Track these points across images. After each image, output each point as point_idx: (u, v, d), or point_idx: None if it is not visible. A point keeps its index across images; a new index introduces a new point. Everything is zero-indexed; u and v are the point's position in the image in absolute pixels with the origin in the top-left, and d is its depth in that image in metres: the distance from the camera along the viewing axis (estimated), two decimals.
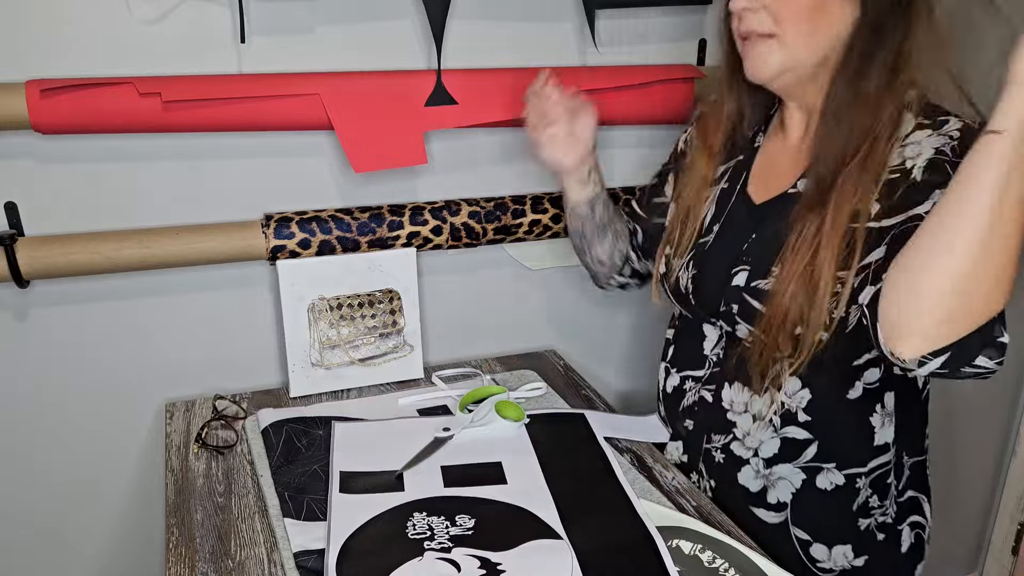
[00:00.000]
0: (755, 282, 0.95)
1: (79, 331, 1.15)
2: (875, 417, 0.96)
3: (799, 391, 0.96)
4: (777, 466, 0.99)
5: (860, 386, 0.95)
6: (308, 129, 1.14)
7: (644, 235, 1.19)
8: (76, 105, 1.01)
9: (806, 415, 0.96)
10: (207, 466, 1.04)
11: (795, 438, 0.97)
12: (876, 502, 1.00)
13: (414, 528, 0.88)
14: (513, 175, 1.31)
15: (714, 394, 1.03)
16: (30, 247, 1.05)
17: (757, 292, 0.95)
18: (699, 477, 1.08)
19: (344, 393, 1.22)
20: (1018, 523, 2.00)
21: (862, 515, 0.99)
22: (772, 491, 1.00)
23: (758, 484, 1.01)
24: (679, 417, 1.09)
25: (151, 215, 1.14)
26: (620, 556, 0.85)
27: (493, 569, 0.82)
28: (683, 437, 1.09)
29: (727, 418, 1.02)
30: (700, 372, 1.06)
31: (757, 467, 1.01)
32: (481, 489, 0.95)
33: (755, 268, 0.96)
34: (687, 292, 1.04)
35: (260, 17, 1.10)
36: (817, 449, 0.97)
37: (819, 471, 0.98)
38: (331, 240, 1.18)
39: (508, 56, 1.23)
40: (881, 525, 1.01)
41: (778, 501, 1.00)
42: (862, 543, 1.00)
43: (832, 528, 0.99)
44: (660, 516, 0.92)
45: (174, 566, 0.87)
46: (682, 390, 1.09)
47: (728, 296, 0.98)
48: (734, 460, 1.02)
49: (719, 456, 1.04)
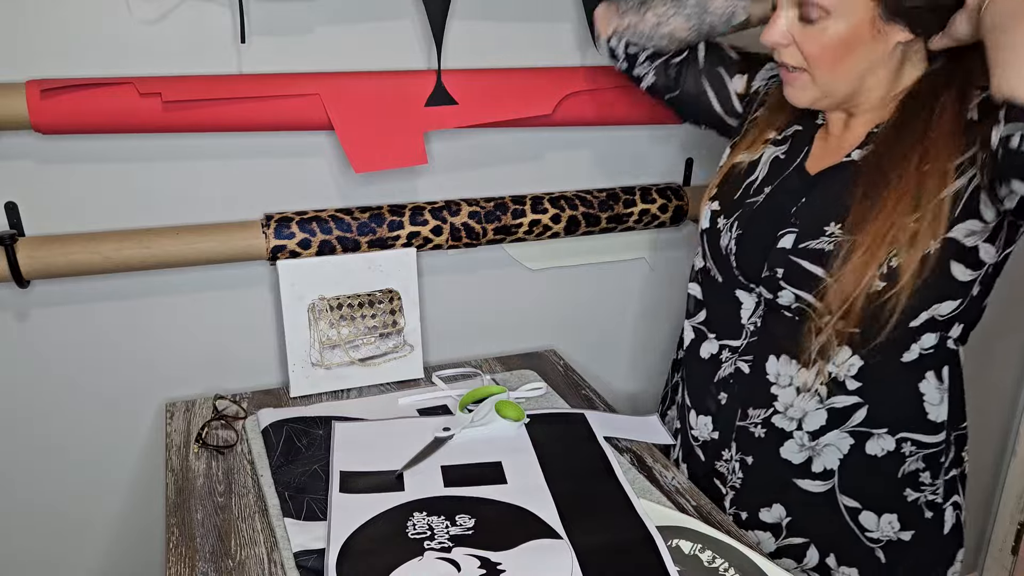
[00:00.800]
0: (805, 243, 0.93)
1: (79, 331, 1.15)
2: (929, 387, 0.95)
3: (849, 359, 0.94)
4: (825, 435, 0.98)
5: (916, 349, 0.93)
6: (308, 129, 1.14)
7: (673, 68, 1.13)
8: (76, 105, 1.01)
9: (856, 381, 0.95)
10: (207, 466, 1.04)
11: (844, 406, 0.96)
12: (928, 479, 0.98)
13: (414, 528, 0.88)
14: (513, 175, 1.31)
15: (752, 365, 1.01)
16: (30, 247, 1.05)
17: (808, 252, 0.93)
18: (730, 455, 1.05)
19: (344, 393, 1.22)
20: (1018, 523, 2.00)
21: (911, 487, 0.98)
22: (818, 459, 0.98)
23: (802, 456, 0.99)
24: (712, 389, 1.06)
25: (151, 215, 1.14)
26: (620, 556, 0.85)
27: (493, 569, 0.82)
28: (713, 412, 1.06)
29: (770, 392, 0.99)
30: (736, 342, 1.03)
31: (801, 440, 0.98)
32: (481, 489, 0.96)
33: (804, 231, 0.94)
34: (727, 253, 1.02)
35: (260, 17, 1.10)
36: (867, 414, 0.95)
37: (868, 436, 0.97)
38: (331, 240, 1.18)
39: (508, 56, 1.23)
40: (930, 503, 0.99)
41: (824, 469, 0.98)
42: (909, 516, 0.99)
43: (880, 495, 0.98)
44: (660, 516, 0.92)
45: (174, 566, 0.87)
46: (719, 359, 1.05)
47: (773, 259, 0.96)
48: (776, 433, 1.00)
49: (759, 431, 1.01)
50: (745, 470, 1.03)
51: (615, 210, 1.32)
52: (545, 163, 1.32)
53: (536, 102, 1.20)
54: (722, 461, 1.06)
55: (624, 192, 1.34)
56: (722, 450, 1.05)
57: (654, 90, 1.16)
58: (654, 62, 1.14)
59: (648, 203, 1.34)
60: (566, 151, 1.33)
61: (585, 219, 1.30)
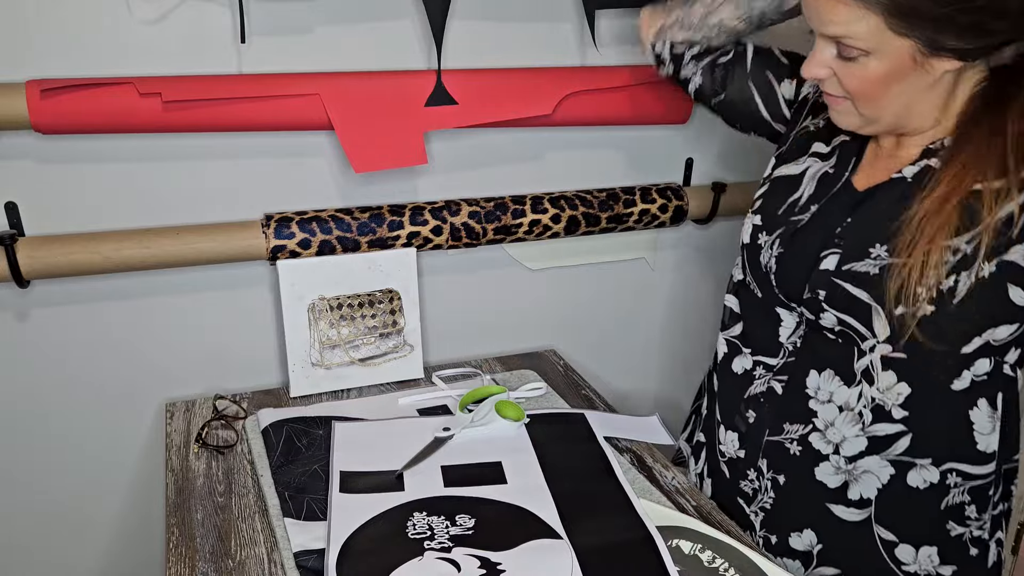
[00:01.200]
0: (849, 265, 0.89)
1: (79, 331, 1.15)
2: (979, 415, 0.90)
3: (895, 385, 0.89)
4: (864, 459, 0.93)
5: (968, 376, 0.88)
6: (308, 129, 1.14)
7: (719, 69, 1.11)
8: (76, 105, 1.01)
9: (903, 410, 0.90)
10: (207, 466, 1.04)
11: (886, 434, 0.91)
12: (974, 512, 0.93)
13: (414, 528, 0.88)
14: (513, 175, 1.31)
15: (786, 385, 0.97)
16: (30, 247, 1.05)
17: (853, 276, 0.88)
18: (758, 475, 1.00)
19: (344, 393, 1.22)
20: (1018, 523, 2.00)
21: (955, 520, 0.93)
22: (855, 486, 0.94)
23: (838, 480, 0.94)
24: (741, 405, 1.02)
25: (151, 215, 1.14)
26: (620, 556, 0.85)
27: (493, 569, 0.82)
28: (741, 430, 1.02)
29: (808, 406, 0.95)
30: (773, 360, 0.99)
31: (838, 464, 0.94)
32: (481, 489, 0.96)
33: (848, 252, 0.90)
34: (767, 270, 0.98)
35: (260, 17, 1.10)
36: (911, 442, 0.91)
37: (911, 467, 0.92)
38: (331, 240, 1.18)
39: (508, 56, 1.23)
40: (976, 539, 0.94)
41: (861, 497, 0.94)
42: (951, 551, 0.94)
43: (919, 528, 0.93)
44: (660, 516, 0.92)
45: (174, 566, 0.87)
46: (752, 375, 1.01)
47: (815, 281, 0.92)
48: (812, 453, 0.95)
49: (794, 448, 0.97)
50: (777, 490, 0.99)
51: (615, 210, 1.32)
52: (545, 163, 1.32)
53: (536, 102, 1.20)
54: (746, 481, 1.02)
55: (624, 192, 1.34)
56: (747, 469, 1.02)
57: (701, 94, 1.14)
58: (700, 62, 1.11)
59: (648, 203, 1.34)
60: (566, 151, 1.33)
61: (585, 219, 1.30)
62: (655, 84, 1.26)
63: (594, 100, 1.24)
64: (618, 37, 1.28)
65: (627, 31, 1.28)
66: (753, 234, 1.01)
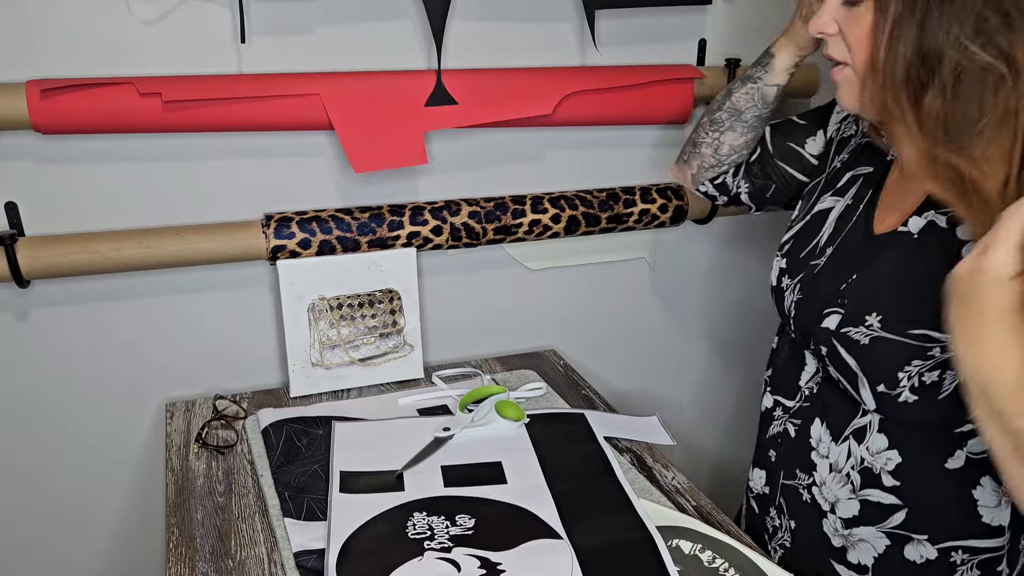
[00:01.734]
0: (846, 329, 0.86)
1: (79, 331, 1.15)
2: (984, 493, 0.85)
3: (885, 450, 0.87)
4: (858, 528, 0.90)
5: (962, 455, 0.84)
6: (308, 129, 1.14)
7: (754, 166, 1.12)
8: (76, 105, 1.01)
9: (893, 479, 0.87)
10: (207, 466, 1.04)
11: (879, 502, 0.88)
12: None
13: (414, 528, 0.88)
14: (513, 175, 1.31)
15: (799, 429, 0.95)
16: (30, 247, 1.05)
17: (847, 341, 0.86)
18: (778, 514, 1.00)
19: (344, 393, 1.22)
20: None
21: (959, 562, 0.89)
22: (852, 552, 0.91)
23: (838, 541, 0.93)
24: (766, 443, 1.02)
25: (151, 215, 1.14)
26: (620, 556, 0.85)
27: (493, 569, 0.82)
28: (766, 467, 1.02)
29: (810, 457, 0.94)
30: (791, 402, 0.97)
31: (835, 526, 0.92)
32: (481, 489, 0.96)
33: (849, 313, 0.86)
34: (789, 315, 0.96)
35: (260, 17, 1.10)
36: (906, 516, 0.87)
37: (908, 540, 0.88)
38: (331, 240, 1.18)
39: (508, 56, 1.23)
40: None
41: (859, 563, 0.91)
42: None
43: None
44: (660, 516, 0.92)
45: (174, 566, 0.87)
46: (772, 415, 1.01)
47: (818, 336, 0.90)
48: (818, 506, 0.94)
49: (806, 495, 0.95)
50: (791, 532, 0.98)
51: (615, 210, 1.32)
52: (545, 163, 1.32)
53: (536, 102, 1.20)
54: (769, 516, 1.02)
55: (624, 192, 1.34)
56: (770, 506, 1.01)
57: (757, 198, 1.15)
58: (737, 175, 1.14)
59: (648, 203, 1.34)
60: (566, 151, 1.33)
61: (585, 219, 1.30)
62: (655, 84, 1.26)
63: (594, 100, 1.24)
64: (618, 37, 1.28)
65: (627, 31, 1.28)
66: (778, 277, 1.00)
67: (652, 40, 1.30)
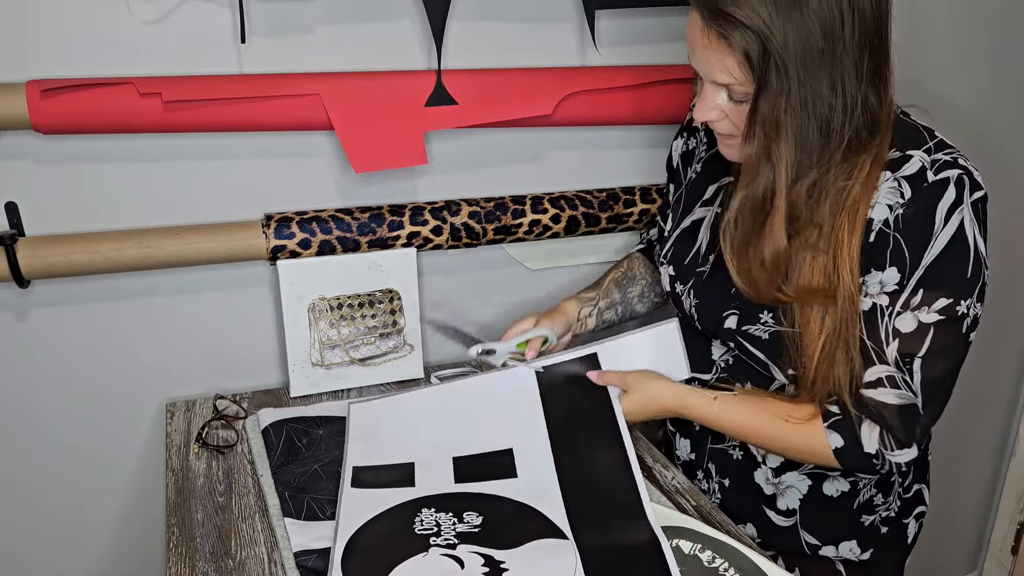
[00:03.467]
0: (746, 327, 0.97)
1: (79, 331, 1.15)
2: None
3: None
4: (785, 474, 1.02)
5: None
6: (308, 129, 1.14)
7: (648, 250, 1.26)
8: (76, 105, 1.01)
9: None
10: (207, 466, 1.04)
11: None
12: (880, 499, 1.02)
13: (421, 524, 0.88)
14: (513, 175, 1.31)
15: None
16: (30, 247, 1.05)
17: (749, 337, 0.97)
18: (705, 477, 1.10)
19: (344, 393, 1.22)
20: (1017, 523, 2.00)
21: (866, 512, 1.02)
22: (781, 499, 1.03)
23: (769, 489, 1.04)
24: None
25: (151, 215, 1.14)
26: (625, 558, 0.85)
27: (497, 567, 0.82)
28: (691, 436, 1.11)
29: None
30: (707, 376, 1.06)
31: (766, 475, 1.03)
32: (491, 484, 0.96)
33: (744, 313, 0.98)
34: (691, 316, 1.06)
35: (260, 17, 1.10)
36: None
37: (825, 478, 1.01)
38: (331, 240, 1.18)
39: (508, 56, 1.23)
40: (885, 519, 1.03)
41: (787, 508, 1.03)
42: (867, 537, 1.03)
43: (839, 529, 1.03)
44: (660, 516, 0.92)
45: (174, 566, 0.87)
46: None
47: (723, 336, 1.01)
48: (750, 459, 1.04)
49: (736, 453, 1.05)
50: (723, 491, 1.08)
51: (615, 210, 1.32)
52: (545, 163, 1.32)
53: (536, 102, 1.20)
54: (696, 480, 1.12)
55: (624, 192, 1.34)
56: (697, 470, 1.11)
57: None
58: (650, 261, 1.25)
59: (648, 203, 1.34)
60: (566, 151, 1.33)
61: (585, 219, 1.30)
62: (655, 84, 1.26)
63: (594, 100, 1.24)
64: (618, 37, 1.28)
65: (627, 31, 1.28)
66: (671, 283, 1.09)
67: (652, 40, 1.30)
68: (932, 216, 0.85)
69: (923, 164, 0.87)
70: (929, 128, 0.91)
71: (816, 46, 0.81)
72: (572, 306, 1.16)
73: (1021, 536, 2.01)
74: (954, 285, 0.86)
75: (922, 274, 0.86)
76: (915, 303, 0.87)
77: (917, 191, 0.86)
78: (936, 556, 2.01)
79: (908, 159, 0.87)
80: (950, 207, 0.85)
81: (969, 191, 0.85)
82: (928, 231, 0.85)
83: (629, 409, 1.00)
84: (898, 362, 0.88)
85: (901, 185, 0.87)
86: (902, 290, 0.87)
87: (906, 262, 0.86)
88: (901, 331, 0.87)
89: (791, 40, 0.81)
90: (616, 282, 1.21)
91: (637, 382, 1.01)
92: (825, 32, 0.81)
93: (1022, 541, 2.01)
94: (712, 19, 0.83)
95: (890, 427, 0.89)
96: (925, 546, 1.14)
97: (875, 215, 0.87)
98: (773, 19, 0.80)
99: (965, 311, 0.87)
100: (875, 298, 0.89)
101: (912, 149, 0.88)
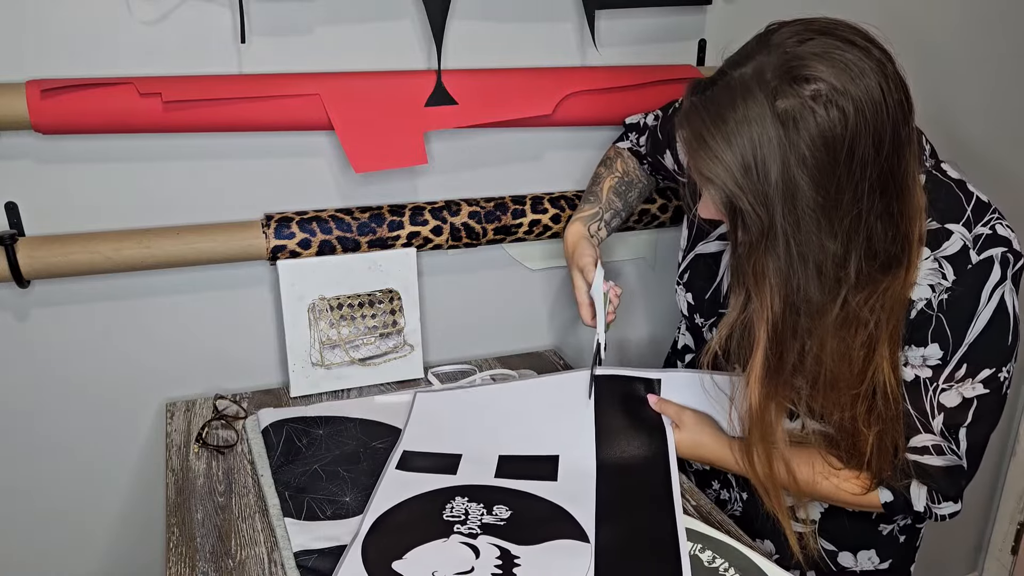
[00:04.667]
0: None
1: (79, 331, 1.15)
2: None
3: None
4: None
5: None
6: (308, 129, 1.14)
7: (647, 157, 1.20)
8: (76, 105, 1.01)
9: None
10: (207, 466, 1.04)
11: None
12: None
13: (451, 510, 0.90)
14: (513, 175, 1.31)
15: None
16: (30, 247, 1.05)
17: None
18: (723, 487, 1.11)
19: (344, 393, 1.22)
20: (1017, 523, 2.00)
21: (884, 520, 1.03)
22: (801, 510, 1.02)
23: (789, 500, 1.01)
24: None
25: (151, 215, 1.14)
26: (640, 563, 0.84)
27: (511, 561, 0.83)
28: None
29: None
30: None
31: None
32: (529, 484, 0.96)
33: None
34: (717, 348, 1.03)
35: (260, 17, 1.10)
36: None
37: None
38: (331, 240, 1.18)
39: (508, 56, 1.23)
40: (903, 528, 1.05)
41: (807, 518, 1.04)
42: (885, 547, 1.05)
43: (857, 537, 1.04)
44: None
45: (174, 566, 0.87)
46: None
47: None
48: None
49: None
50: (744, 503, 1.09)
51: None
52: (545, 163, 1.32)
53: (536, 102, 1.20)
54: (712, 490, 1.13)
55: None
56: (712, 480, 1.12)
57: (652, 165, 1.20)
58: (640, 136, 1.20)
59: (648, 203, 1.34)
60: (566, 151, 1.33)
61: None
62: (655, 84, 1.26)
63: (594, 100, 1.24)
64: (618, 37, 1.28)
65: (627, 31, 1.28)
66: (690, 312, 1.08)
67: (652, 40, 1.30)
68: (977, 298, 0.83)
69: (965, 243, 0.83)
70: (961, 182, 0.86)
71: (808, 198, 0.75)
72: (581, 229, 1.12)
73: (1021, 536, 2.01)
74: (997, 357, 0.85)
75: (966, 351, 0.84)
76: (959, 377, 0.86)
77: (961, 274, 0.83)
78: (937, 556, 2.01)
79: (948, 235, 0.83)
80: (994, 286, 0.83)
81: (1012, 265, 0.83)
82: (972, 311, 0.83)
83: (678, 446, 0.99)
84: (944, 432, 0.88)
85: (943, 266, 0.83)
86: (945, 365, 0.86)
87: (949, 340, 0.85)
88: (946, 406, 0.87)
89: (771, 201, 0.75)
90: (615, 190, 1.17)
91: (693, 423, 0.99)
92: (818, 185, 0.74)
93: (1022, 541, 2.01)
94: (692, 161, 0.80)
95: (939, 487, 0.90)
96: (926, 546, 1.14)
97: (915, 295, 0.85)
98: (743, 184, 0.75)
99: (1007, 375, 0.86)
100: (917, 370, 0.87)
101: (951, 223, 0.84)
